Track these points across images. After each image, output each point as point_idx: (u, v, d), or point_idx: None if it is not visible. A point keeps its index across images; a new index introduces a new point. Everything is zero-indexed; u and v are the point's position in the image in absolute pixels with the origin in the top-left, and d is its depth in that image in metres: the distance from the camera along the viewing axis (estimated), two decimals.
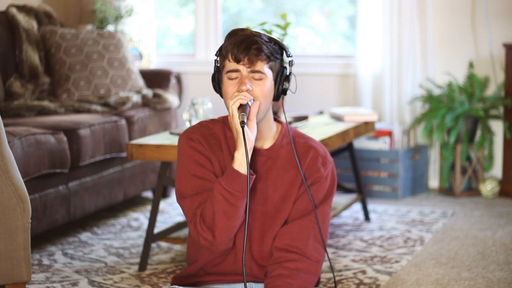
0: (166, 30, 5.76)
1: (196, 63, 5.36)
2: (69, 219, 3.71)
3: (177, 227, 3.39)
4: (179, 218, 4.23)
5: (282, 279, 2.34)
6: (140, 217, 4.27)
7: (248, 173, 2.25)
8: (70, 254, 3.59)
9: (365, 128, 4.07)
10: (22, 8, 4.49)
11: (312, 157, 2.42)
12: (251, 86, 2.30)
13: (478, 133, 4.81)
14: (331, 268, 2.53)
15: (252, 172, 2.32)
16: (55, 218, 3.59)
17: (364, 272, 3.30)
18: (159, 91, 4.55)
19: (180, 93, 4.82)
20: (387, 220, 4.19)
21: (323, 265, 3.32)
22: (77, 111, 4.17)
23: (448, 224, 4.10)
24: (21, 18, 4.40)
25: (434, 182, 5.02)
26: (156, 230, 3.64)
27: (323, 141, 3.42)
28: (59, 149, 3.59)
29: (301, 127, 3.71)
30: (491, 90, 4.84)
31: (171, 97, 4.57)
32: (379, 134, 4.76)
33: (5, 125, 3.51)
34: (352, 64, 5.05)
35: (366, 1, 4.89)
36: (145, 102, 4.43)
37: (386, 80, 4.91)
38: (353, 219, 4.21)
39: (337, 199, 4.03)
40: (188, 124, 3.54)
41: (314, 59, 5.26)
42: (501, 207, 4.48)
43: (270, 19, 5.21)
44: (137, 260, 3.48)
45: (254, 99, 2.31)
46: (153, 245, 3.70)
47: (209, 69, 5.04)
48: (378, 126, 4.77)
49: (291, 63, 2.39)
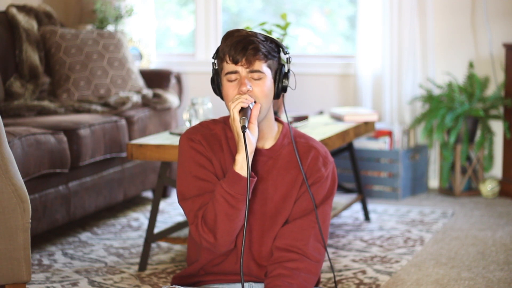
0: (166, 30, 5.76)
1: (196, 63, 5.36)
2: (69, 219, 3.71)
3: (177, 227, 3.39)
4: (179, 218, 4.23)
5: (282, 279, 2.34)
6: (140, 217, 4.27)
7: (249, 177, 2.25)
8: (70, 254, 3.59)
9: (365, 128, 4.07)
10: (22, 8, 4.49)
11: (313, 157, 2.42)
12: (251, 87, 2.30)
13: (478, 133, 4.81)
14: (332, 268, 2.52)
15: (254, 175, 2.32)
16: (55, 218, 3.59)
17: (364, 272, 3.30)
18: (159, 91, 4.55)
19: (180, 93, 4.82)
20: (387, 220, 4.19)
21: (323, 265, 3.32)
22: (77, 111, 4.17)
23: (448, 224, 4.10)
24: (21, 18, 4.40)
25: (434, 182, 5.02)
26: (156, 230, 3.64)
27: (323, 141, 3.42)
28: (59, 149, 3.59)
29: (301, 127, 3.71)
30: (491, 90, 4.84)
31: (171, 97, 4.57)
32: (379, 134, 4.76)
33: (5, 125, 3.51)
34: (352, 64, 5.05)
35: (366, 1, 4.89)
36: (145, 102, 4.43)
37: (386, 80, 4.91)
38: (353, 219, 4.21)
39: (337, 199, 4.03)
40: (188, 124, 3.54)
41: (314, 59, 5.26)
42: (501, 207, 4.48)
43: (270, 19, 5.21)
44: (137, 260, 3.48)
45: (255, 101, 2.30)
46: (153, 245, 3.70)
47: (209, 69, 5.04)
48: (378, 126, 4.77)
49: (289, 60, 2.39)
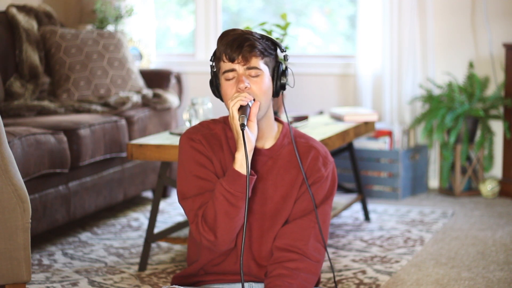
0: (166, 30, 5.76)
1: (196, 63, 5.36)
2: (69, 219, 3.71)
3: (177, 227, 3.39)
4: (179, 218, 4.23)
5: (283, 279, 2.34)
6: (140, 217, 4.27)
7: (248, 175, 2.25)
8: (70, 254, 3.59)
9: (365, 128, 4.07)
10: (22, 8, 4.49)
11: (313, 157, 2.42)
12: (249, 84, 2.31)
13: (478, 133, 4.81)
14: (332, 268, 2.52)
15: (253, 173, 2.32)
16: (55, 218, 3.59)
17: (364, 272, 3.30)
18: (159, 91, 4.55)
19: (180, 93, 4.82)
20: (387, 220, 4.19)
21: (323, 265, 3.32)
22: (77, 111, 4.17)
23: (448, 224, 4.10)
24: (21, 18, 4.40)
25: (434, 182, 5.02)
26: (156, 230, 3.64)
27: (323, 141, 3.42)
28: (59, 149, 3.59)
29: (301, 127, 3.71)
30: (491, 90, 4.84)
31: (171, 97, 4.57)
32: (379, 134, 4.76)
33: (5, 125, 3.51)
34: (352, 64, 5.05)
35: (366, 1, 4.88)
36: (145, 102, 4.43)
37: (386, 80, 4.91)
38: (353, 219, 4.21)
39: (337, 199, 4.03)
40: (188, 124, 3.54)
41: (314, 59, 5.26)
42: (501, 207, 4.48)
43: (270, 19, 5.21)
44: (137, 260, 3.48)
45: (255, 99, 2.31)
46: (153, 245, 3.70)
47: (209, 69, 5.04)
48: (378, 126, 4.77)
49: (286, 58, 2.39)
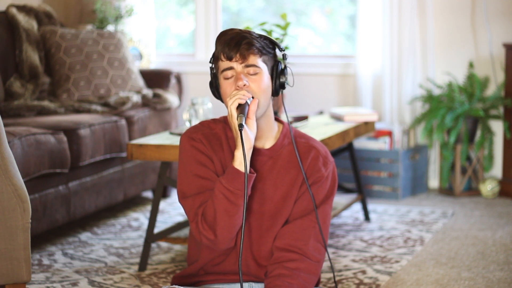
0: (166, 30, 5.76)
1: (196, 63, 5.36)
2: (69, 219, 3.71)
3: (177, 227, 3.39)
4: (179, 218, 4.23)
5: (283, 279, 2.34)
6: (140, 217, 4.27)
7: (246, 173, 2.25)
8: (70, 254, 3.59)
9: (365, 128, 4.07)
10: (22, 8, 4.49)
11: (313, 157, 2.42)
12: (248, 82, 2.30)
13: (478, 133, 4.81)
14: (332, 268, 2.52)
15: (253, 171, 2.32)
16: (55, 218, 3.59)
17: (364, 272, 3.30)
18: (159, 91, 4.55)
19: (180, 93, 4.82)
20: (387, 220, 4.19)
21: (323, 265, 3.32)
22: (77, 111, 4.17)
23: (448, 224, 4.10)
24: (21, 18, 4.40)
25: (434, 182, 5.02)
26: (156, 230, 3.64)
27: (323, 141, 3.42)
28: (59, 149, 3.59)
29: (301, 127, 3.71)
30: (491, 90, 4.84)
31: (171, 97, 4.57)
32: (379, 134, 4.76)
33: (5, 125, 3.51)
34: (352, 64, 5.05)
35: (366, 1, 4.89)
36: (145, 102, 4.43)
37: (386, 80, 4.91)
38: (353, 219, 4.21)
39: (337, 199, 4.03)
40: (188, 124, 3.54)
41: (314, 59, 5.26)
42: (501, 207, 4.48)
43: (270, 19, 5.21)
44: (137, 260, 3.48)
45: (253, 97, 2.30)
46: (153, 245, 3.70)
47: (209, 69, 5.04)
48: (378, 126, 4.77)
49: (285, 57, 2.40)
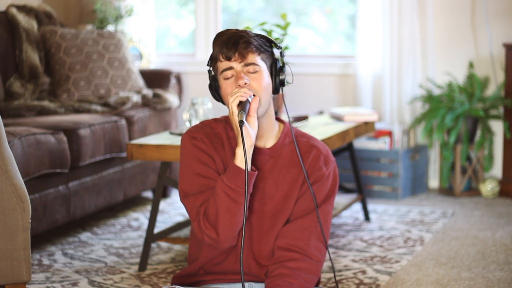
0: (166, 30, 5.76)
1: (196, 63, 5.36)
2: (69, 219, 3.71)
3: (177, 227, 3.39)
4: (179, 218, 4.23)
5: (283, 279, 2.34)
6: (140, 217, 4.27)
7: (247, 171, 2.25)
8: (70, 254, 3.59)
9: (365, 128, 4.07)
10: (22, 8, 4.49)
11: (314, 156, 2.42)
12: (248, 80, 2.31)
13: (478, 133, 4.81)
14: (333, 268, 2.52)
15: (254, 169, 2.32)
16: (55, 218, 3.59)
17: (364, 272, 3.30)
18: (159, 91, 4.55)
19: (180, 93, 4.82)
20: (387, 220, 4.19)
21: (324, 265, 3.31)
22: (77, 111, 4.17)
23: (448, 224, 4.10)
24: (21, 18, 4.40)
25: (434, 182, 5.02)
26: (156, 230, 3.64)
27: (323, 141, 3.42)
28: (59, 149, 3.59)
29: (301, 127, 3.71)
30: (491, 90, 4.84)
31: (171, 97, 4.57)
32: (379, 134, 4.76)
33: (5, 125, 3.51)
34: (352, 64, 5.05)
35: (366, 1, 4.89)
36: (145, 102, 4.43)
37: (386, 80, 4.91)
38: (353, 219, 4.21)
39: (337, 199, 4.03)
40: (188, 124, 3.54)
41: (314, 59, 5.26)
42: (501, 207, 4.48)
43: (270, 19, 5.21)
44: (137, 260, 3.48)
45: (254, 95, 2.31)
46: (153, 245, 3.70)
47: None
48: (378, 126, 4.77)
49: (282, 54, 2.40)
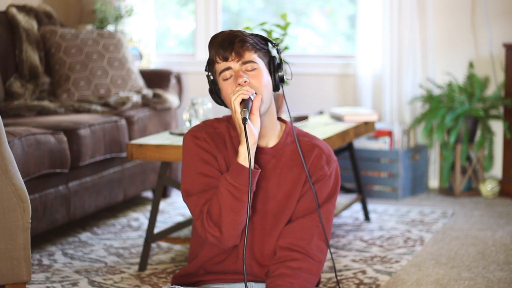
0: (166, 30, 5.76)
1: (196, 63, 5.36)
2: (69, 219, 3.71)
3: (177, 227, 3.39)
4: (179, 218, 4.23)
5: (284, 279, 2.34)
6: (140, 217, 4.27)
7: (250, 168, 2.24)
8: (70, 254, 3.59)
9: (365, 128, 4.07)
10: (22, 8, 4.49)
11: (316, 155, 2.41)
12: (248, 78, 2.31)
13: (478, 133, 4.81)
14: (334, 269, 2.52)
15: (257, 167, 2.31)
16: (55, 218, 3.59)
17: (364, 272, 3.30)
18: (159, 91, 4.55)
19: (180, 93, 4.82)
20: (387, 220, 4.19)
21: (324, 265, 3.31)
22: (77, 111, 4.17)
23: (448, 224, 4.10)
24: (21, 18, 4.40)
25: (434, 182, 5.02)
26: (156, 230, 3.64)
27: (324, 141, 3.42)
28: (59, 149, 3.59)
29: (301, 127, 3.71)
30: (491, 90, 4.84)
31: (171, 97, 4.57)
32: (379, 134, 4.76)
33: (5, 125, 3.51)
34: (352, 64, 5.05)
35: (366, 1, 4.89)
36: (145, 102, 4.43)
37: (386, 80, 4.91)
38: (353, 219, 4.21)
39: (337, 199, 4.01)
40: (188, 124, 3.54)
41: (314, 59, 5.26)
42: (501, 207, 4.48)
43: (270, 19, 5.21)
44: (137, 260, 3.48)
45: (256, 93, 2.31)
46: (153, 245, 3.70)
47: None
48: (378, 126, 4.77)
49: (279, 51, 2.40)
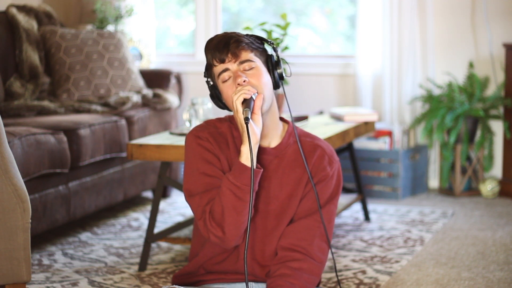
0: (166, 30, 5.76)
1: (196, 63, 5.36)
2: (69, 219, 3.71)
3: (177, 227, 3.39)
4: (179, 218, 4.23)
5: (285, 279, 2.34)
6: (140, 217, 4.27)
7: (252, 168, 2.24)
8: (70, 254, 3.59)
9: (365, 128, 4.07)
10: (22, 8, 4.49)
11: (319, 156, 2.41)
12: (247, 78, 2.31)
13: (478, 133, 4.81)
14: (335, 269, 2.52)
15: (259, 166, 2.31)
16: (55, 218, 3.59)
17: (364, 272, 3.30)
18: (159, 91, 4.55)
19: (180, 93, 4.82)
20: (387, 220, 4.19)
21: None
22: (77, 111, 4.17)
23: (448, 224, 4.10)
24: (21, 18, 4.40)
25: (434, 182, 5.02)
26: (156, 230, 3.64)
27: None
28: (59, 149, 3.59)
29: (302, 127, 3.70)
30: (491, 90, 4.84)
31: (171, 97, 4.57)
32: (379, 134, 4.76)
33: (5, 125, 3.51)
34: (352, 64, 5.05)
35: (366, 1, 4.89)
36: (145, 102, 4.43)
37: (386, 80, 4.91)
38: (353, 219, 4.21)
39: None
40: (188, 124, 3.54)
41: (314, 59, 5.26)
42: (501, 207, 4.48)
43: (270, 19, 5.21)
44: (137, 260, 3.48)
45: (258, 92, 2.31)
46: (153, 245, 3.70)
47: None
48: (378, 126, 4.77)
49: (275, 49, 2.40)
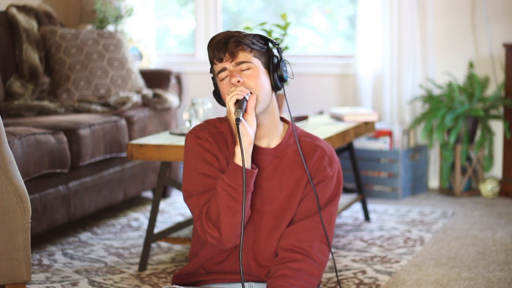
0: (166, 30, 5.76)
1: (196, 63, 5.36)
2: (69, 219, 3.71)
3: (177, 227, 3.39)
4: (179, 218, 4.23)
5: (285, 280, 2.33)
6: (140, 217, 4.27)
7: (244, 168, 2.24)
8: (70, 254, 3.59)
9: (365, 128, 4.07)
10: (22, 8, 4.49)
11: (319, 156, 2.41)
12: (241, 78, 2.30)
13: (478, 133, 4.81)
14: (335, 269, 2.52)
15: (254, 166, 2.31)
16: (55, 218, 3.59)
17: (364, 272, 3.30)
18: (159, 91, 4.55)
19: (180, 93, 4.82)
20: (387, 220, 4.19)
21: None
22: (77, 111, 4.17)
23: (448, 224, 4.10)
24: (21, 18, 4.40)
25: (434, 182, 5.02)
26: (156, 230, 3.64)
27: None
28: (59, 149, 3.59)
29: (302, 127, 3.70)
30: (491, 90, 4.84)
31: (171, 97, 4.57)
32: (379, 134, 4.76)
33: (5, 125, 3.51)
34: (352, 64, 5.05)
35: (366, 1, 4.89)
36: (145, 102, 4.43)
37: (386, 80, 4.91)
38: (353, 219, 4.21)
39: None
40: (188, 124, 3.54)
41: (314, 59, 5.26)
42: (501, 207, 4.48)
43: (270, 19, 5.21)
44: (137, 260, 3.48)
45: (252, 92, 2.30)
46: (153, 245, 3.70)
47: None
48: (378, 126, 4.77)
49: (279, 50, 2.38)
